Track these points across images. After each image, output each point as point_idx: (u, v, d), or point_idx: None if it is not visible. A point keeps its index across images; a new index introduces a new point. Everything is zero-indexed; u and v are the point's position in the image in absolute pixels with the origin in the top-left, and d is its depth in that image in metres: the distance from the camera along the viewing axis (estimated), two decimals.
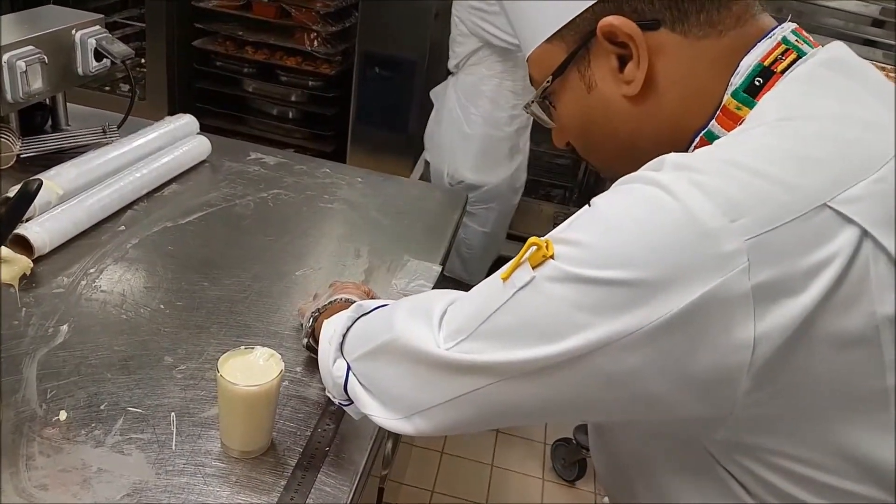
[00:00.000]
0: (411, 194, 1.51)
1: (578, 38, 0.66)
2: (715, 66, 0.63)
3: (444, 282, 1.13)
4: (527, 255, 0.58)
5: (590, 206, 0.58)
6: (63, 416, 0.84)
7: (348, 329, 0.78)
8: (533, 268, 0.57)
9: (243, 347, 0.84)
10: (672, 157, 0.57)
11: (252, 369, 0.82)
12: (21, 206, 0.68)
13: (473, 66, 2.04)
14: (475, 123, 2.09)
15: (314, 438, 0.87)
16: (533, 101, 0.73)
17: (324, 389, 0.94)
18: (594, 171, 3.05)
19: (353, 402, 0.76)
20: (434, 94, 2.25)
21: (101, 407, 0.87)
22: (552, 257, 0.56)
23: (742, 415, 0.54)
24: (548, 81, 0.69)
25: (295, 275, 1.19)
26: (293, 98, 3.07)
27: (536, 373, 0.57)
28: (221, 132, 2.94)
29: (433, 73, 2.51)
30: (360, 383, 0.74)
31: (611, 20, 0.62)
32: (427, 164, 2.25)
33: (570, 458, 2.16)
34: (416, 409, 0.67)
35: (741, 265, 0.50)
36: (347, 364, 0.76)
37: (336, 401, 0.80)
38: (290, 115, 3.13)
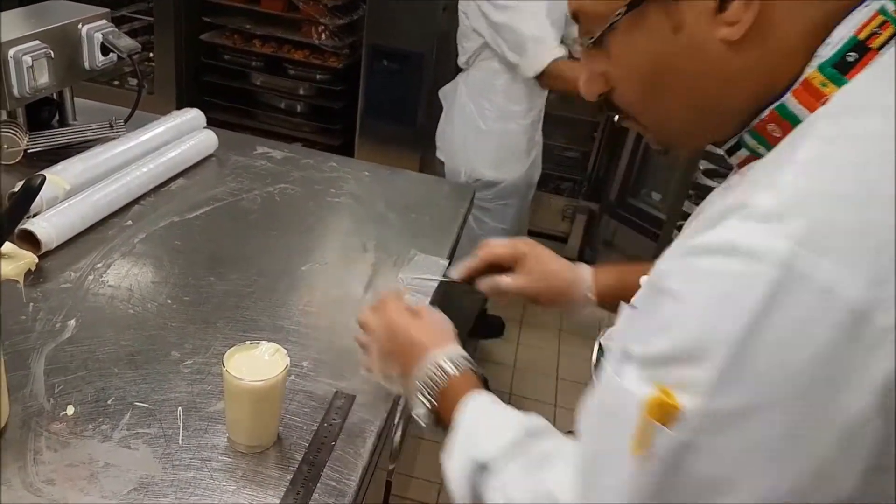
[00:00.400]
0: (419, 188, 1.51)
1: None
2: (814, 24, 0.54)
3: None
4: (647, 414, 0.48)
5: (651, 291, 0.50)
6: (70, 410, 0.85)
7: (480, 495, 0.66)
8: (667, 425, 0.47)
9: (249, 342, 0.84)
10: (758, 203, 0.46)
11: (258, 364, 0.82)
12: (24, 202, 0.68)
13: (484, 62, 2.02)
14: (490, 119, 2.06)
15: (320, 433, 0.86)
16: (592, 39, 0.61)
17: (329, 384, 0.94)
18: (604, 164, 3.04)
19: None
20: (443, 93, 2.23)
21: (109, 402, 0.87)
22: (681, 404, 0.46)
23: None
24: (618, 14, 0.58)
25: (301, 269, 1.19)
26: (301, 91, 3.07)
27: None
28: (229, 126, 2.96)
29: (441, 66, 2.50)
30: None
31: None
32: (441, 163, 2.23)
33: None
34: None
35: None
36: None
37: None
38: (298, 108, 3.13)
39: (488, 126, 2.07)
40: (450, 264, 1.22)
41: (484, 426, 0.70)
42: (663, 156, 0.70)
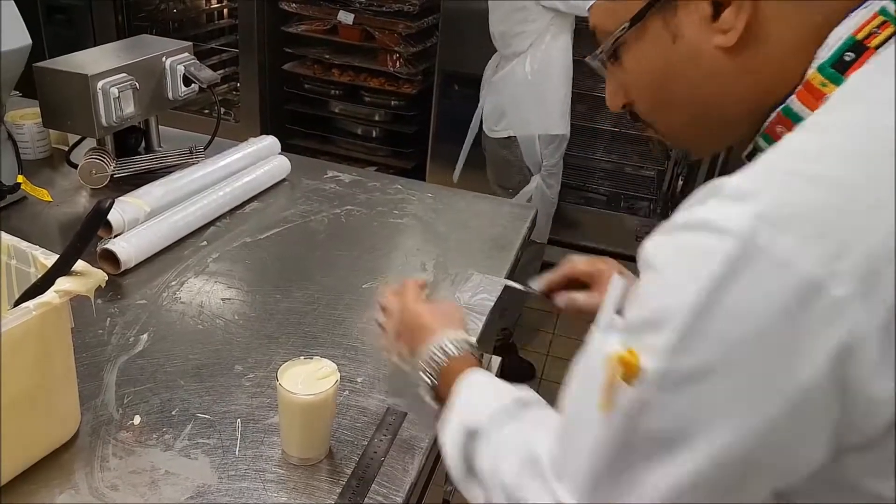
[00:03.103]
0: (480, 209, 1.52)
1: None
2: (810, 29, 0.56)
3: None
4: (612, 372, 0.52)
5: (645, 264, 0.52)
6: (137, 420, 0.89)
7: (472, 459, 0.69)
8: (630, 383, 0.50)
9: (303, 357, 0.87)
10: (730, 185, 0.49)
11: (310, 379, 0.84)
12: (94, 222, 0.73)
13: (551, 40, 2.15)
14: (559, 79, 2.25)
15: (370, 448, 0.88)
16: (601, 52, 0.65)
17: (381, 401, 0.96)
18: (680, 183, 2.97)
19: None
20: (500, 78, 2.29)
21: (173, 412, 0.91)
22: (642, 365, 0.50)
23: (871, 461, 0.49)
24: (622, 29, 0.62)
25: (362, 287, 1.22)
26: (376, 118, 3.15)
27: (695, 491, 0.50)
28: (309, 152, 3.07)
29: None
30: None
31: None
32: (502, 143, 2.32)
33: None
34: None
35: (859, 306, 0.44)
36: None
37: None
38: (374, 133, 3.22)
39: (557, 85, 2.24)
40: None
41: (477, 397, 0.74)
42: (687, 161, 0.72)
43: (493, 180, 2.41)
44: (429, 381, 0.82)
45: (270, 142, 1.63)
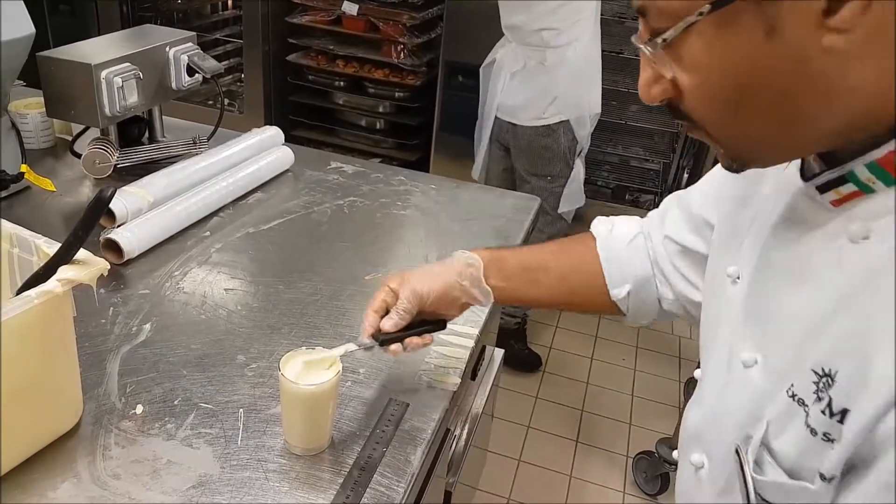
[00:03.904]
0: (483, 201, 1.52)
1: None
2: None
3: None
4: None
5: None
6: (139, 409, 0.89)
7: None
8: None
9: (304, 348, 0.87)
10: None
11: (312, 369, 0.84)
12: (96, 211, 0.73)
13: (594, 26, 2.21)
14: (593, 66, 2.30)
15: (372, 439, 0.88)
16: (663, 38, 0.53)
17: (383, 391, 0.96)
18: (685, 177, 2.96)
19: None
20: (553, 62, 2.28)
21: (175, 402, 0.91)
22: None
23: None
24: (700, 13, 0.50)
25: (364, 279, 1.22)
26: (380, 109, 3.15)
27: None
28: (313, 143, 3.07)
29: None
30: None
31: None
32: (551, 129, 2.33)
33: (653, 472, 2.09)
34: None
35: None
36: None
37: None
38: (378, 125, 3.21)
39: (592, 72, 2.30)
40: None
41: None
42: (734, 173, 0.61)
43: (529, 170, 2.37)
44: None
45: (274, 132, 1.63)
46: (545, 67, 2.24)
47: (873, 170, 0.52)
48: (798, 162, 0.61)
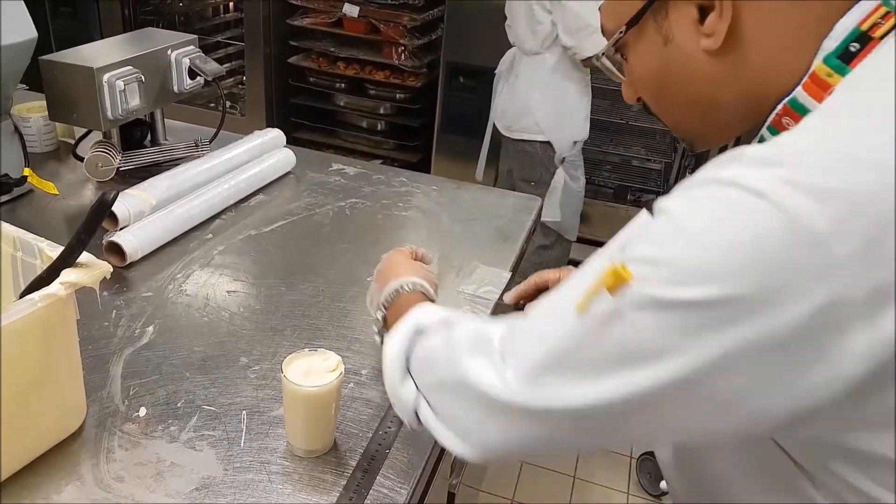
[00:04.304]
0: (485, 201, 1.52)
1: None
2: (807, 25, 0.58)
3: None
4: (601, 280, 0.53)
5: (653, 212, 0.54)
6: (143, 412, 0.89)
7: (411, 350, 0.75)
8: (611, 292, 0.52)
9: (307, 349, 0.87)
10: (751, 152, 0.51)
11: (315, 371, 0.84)
12: (99, 214, 0.73)
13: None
14: (574, 91, 2.26)
15: (375, 440, 0.88)
16: (603, 54, 0.69)
17: (386, 393, 0.96)
18: (688, 175, 2.96)
19: (422, 425, 0.73)
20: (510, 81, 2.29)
21: (178, 404, 0.92)
22: (631, 281, 0.51)
23: (853, 417, 0.50)
24: (621, 32, 0.66)
25: (366, 280, 1.21)
26: (381, 111, 3.15)
27: (628, 411, 0.54)
28: (315, 145, 3.07)
29: None
30: (432, 412, 0.71)
31: None
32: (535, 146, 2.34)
33: (657, 473, 2.09)
34: (494, 447, 0.64)
35: (855, 270, 0.46)
36: (417, 388, 0.73)
37: (406, 422, 0.76)
38: (379, 127, 3.21)
39: (574, 97, 2.27)
40: (513, 276, 1.22)
41: (429, 310, 0.78)
42: (691, 153, 0.77)
43: (516, 174, 2.39)
44: (380, 315, 0.88)
45: (275, 135, 1.63)
46: (520, 77, 2.24)
47: (771, 130, 0.62)
48: None
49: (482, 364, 0.62)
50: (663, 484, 2.08)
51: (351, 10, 2.89)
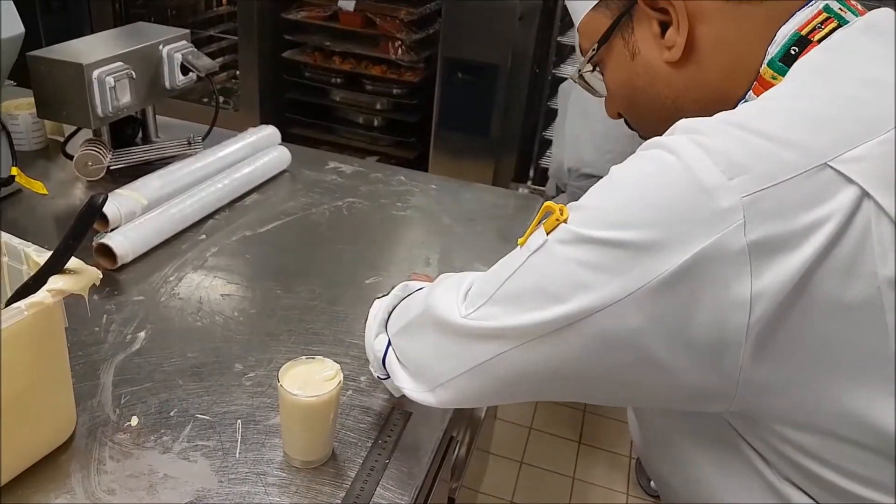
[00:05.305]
0: (485, 201, 1.49)
1: (622, 5, 0.68)
2: (754, 33, 0.63)
3: None
4: (543, 220, 0.60)
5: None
6: (135, 421, 0.87)
7: (394, 307, 0.82)
8: (547, 232, 0.59)
9: (304, 357, 0.84)
10: (682, 122, 0.58)
11: (312, 379, 0.81)
12: (87, 218, 0.70)
13: None
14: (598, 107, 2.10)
15: (374, 450, 0.85)
16: (581, 71, 0.75)
17: (386, 401, 0.93)
18: None
19: (390, 377, 0.80)
20: (562, 89, 2.26)
21: (171, 413, 0.89)
22: (565, 221, 0.58)
23: (748, 381, 0.54)
24: (594, 49, 0.71)
25: (365, 283, 1.19)
26: (378, 106, 3.11)
27: (545, 336, 0.59)
28: (310, 142, 3.03)
29: (516, 76, 2.48)
30: (396, 358, 0.78)
31: None
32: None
33: None
34: (439, 380, 0.70)
35: (737, 221, 0.51)
36: (388, 339, 0.80)
37: (376, 374, 0.85)
38: (375, 123, 3.18)
39: (595, 112, 2.07)
40: None
41: (422, 280, 0.86)
42: None
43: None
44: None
45: (270, 132, 1.60)
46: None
47: None
48: None
49: (448, 295, 0.69)
50: None
51: (347, 4, 2.85)
